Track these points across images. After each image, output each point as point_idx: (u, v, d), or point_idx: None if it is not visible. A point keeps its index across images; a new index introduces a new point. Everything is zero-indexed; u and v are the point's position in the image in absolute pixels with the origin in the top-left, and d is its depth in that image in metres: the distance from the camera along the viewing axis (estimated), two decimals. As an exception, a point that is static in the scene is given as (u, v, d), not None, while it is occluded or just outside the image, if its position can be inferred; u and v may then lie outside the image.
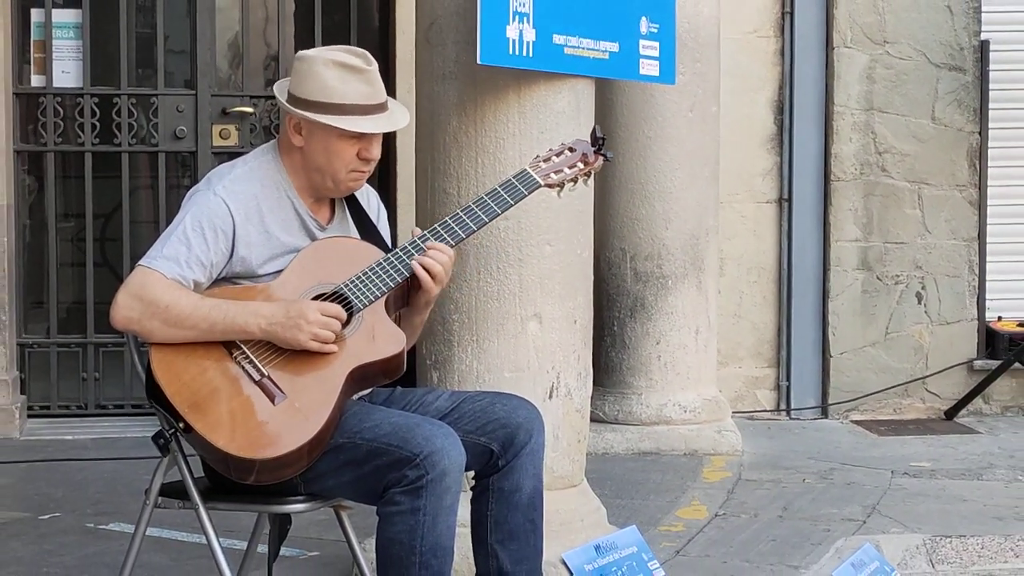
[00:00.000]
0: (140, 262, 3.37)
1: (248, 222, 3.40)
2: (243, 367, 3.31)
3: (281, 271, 3.41)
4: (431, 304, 3.54)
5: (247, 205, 3.41)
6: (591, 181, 3.66)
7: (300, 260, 3.42)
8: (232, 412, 3.26)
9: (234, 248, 3.38)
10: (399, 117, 3.52)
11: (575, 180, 3.53)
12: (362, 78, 3.43)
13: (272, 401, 3.27)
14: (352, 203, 3.61)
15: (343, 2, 7.22)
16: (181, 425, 3.27)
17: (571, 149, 3.54)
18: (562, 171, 3.50)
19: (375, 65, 3.48)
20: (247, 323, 3.30)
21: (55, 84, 6.97)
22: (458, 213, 3.45)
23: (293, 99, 3.44)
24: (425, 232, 3.44)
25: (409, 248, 3.41)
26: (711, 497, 5.56)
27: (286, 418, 3.26)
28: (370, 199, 3.69)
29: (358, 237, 3.56)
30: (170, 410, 3.28)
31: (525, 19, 3.99)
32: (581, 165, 3.53)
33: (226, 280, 3.41)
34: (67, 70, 6.99)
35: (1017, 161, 7.38)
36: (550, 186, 3.49)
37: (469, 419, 3.45)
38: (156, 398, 3.31)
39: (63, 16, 6.99)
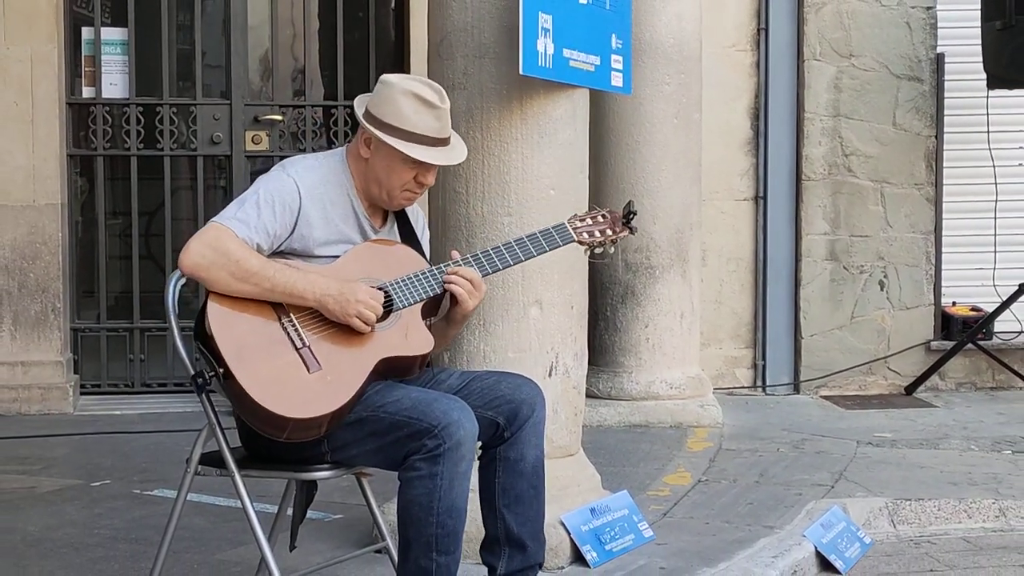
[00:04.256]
0: (214, 219, 3.36)
1: (312, 204, 3.41)
2: (288, 334, 3.31)
3: (336, 257, 3.42)
4: (464, 320, 3.55)
5: (314, 190, 3.42)
6: (614, 242, 3.62)
7: (355, 253, 3.44)
8: (271, 370, 3.26)
9: (297, 225, 3.39)
10: (458, 152, 3.53)
11: (602, 244, 3.57)
12: (433, 113, 3.44)
13: (308, 370, 3.28)
14: (401, 217, 3.63)
15: (363, 21, 7.21)
16: (221, 371, 3.27)
17: (603, 216, 3.59)
18: (593, 233, 3.55)
19: (448, 104, 3.48)
20: (304, 290, 3.31)
21: (104, 95, 6.97)
22: (499, 247, 3.50)
23: (370, 116, 3.45)
24: (460, 259, 3.48)
25: (443, 268, 3.46)
26: (694, 465, 5.55)
27: (317, 387, 3.26)
28: (418, 218, 3.71)
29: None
30: (216, 355, 3.28)
31: (547, 35, 3.96)
32: (610, 232, 3.57)
33: (281, 255, 3.41)
34: (114, 82, 7.00)
35: (969, 162, 7.36)
36: (581, 243, 3.55)
37: (478, 395, 3.45)
38: (204, 342, 3.31)
39: (111, 34, 6.99)
